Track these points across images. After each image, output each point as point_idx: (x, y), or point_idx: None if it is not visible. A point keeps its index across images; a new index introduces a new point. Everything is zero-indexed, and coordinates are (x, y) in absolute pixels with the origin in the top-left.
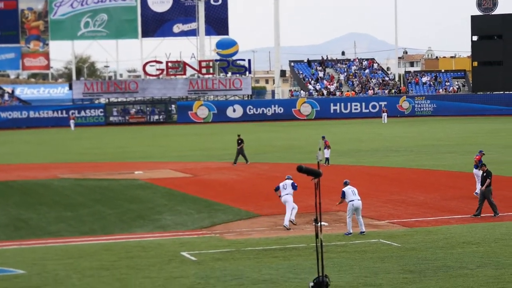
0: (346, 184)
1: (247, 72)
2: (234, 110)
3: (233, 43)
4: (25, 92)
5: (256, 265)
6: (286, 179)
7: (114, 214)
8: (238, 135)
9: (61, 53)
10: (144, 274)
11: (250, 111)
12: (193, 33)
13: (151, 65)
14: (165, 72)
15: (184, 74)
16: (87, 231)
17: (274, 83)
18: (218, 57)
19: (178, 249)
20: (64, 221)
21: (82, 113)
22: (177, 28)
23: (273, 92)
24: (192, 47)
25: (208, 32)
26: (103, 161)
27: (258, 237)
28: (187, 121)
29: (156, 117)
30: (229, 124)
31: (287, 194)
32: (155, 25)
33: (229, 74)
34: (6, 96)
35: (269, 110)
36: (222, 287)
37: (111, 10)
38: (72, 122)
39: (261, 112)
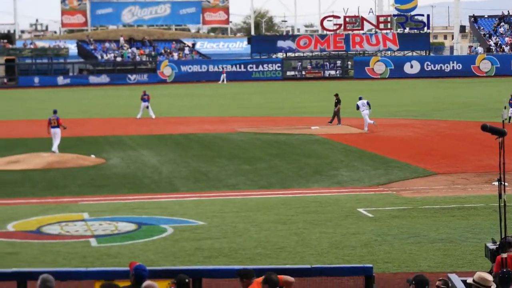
0: None
1: (425, 28)
2: (411, 66)
3: None
4: (205, 46)
5: (433, 224)
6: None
7: (291, 168)
8: (336, 95)
9: (240, 7)
10: (321, 230)
11: (427, 67)
12: None
13: (328, 20)
14: (342, 27)
15: (362, 29)
16: (265, 185)
17: (453, 39)
18: (396, 12)
19: (355, 205)
20: (243, 175)
21: (260, 68)
22: None
23: (451, 48)
24: (370, 2)
25: None
26: (280, 115)
27: (435, 195)
28: (363, 76)
29: (333, 72)
30: (406, 80)
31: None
32: None
33: (407, 29)
34: (186, 50)
35: (447, 67)
36: (399, 245)
37: None
38: (223, 76)
39: (439, 69)
